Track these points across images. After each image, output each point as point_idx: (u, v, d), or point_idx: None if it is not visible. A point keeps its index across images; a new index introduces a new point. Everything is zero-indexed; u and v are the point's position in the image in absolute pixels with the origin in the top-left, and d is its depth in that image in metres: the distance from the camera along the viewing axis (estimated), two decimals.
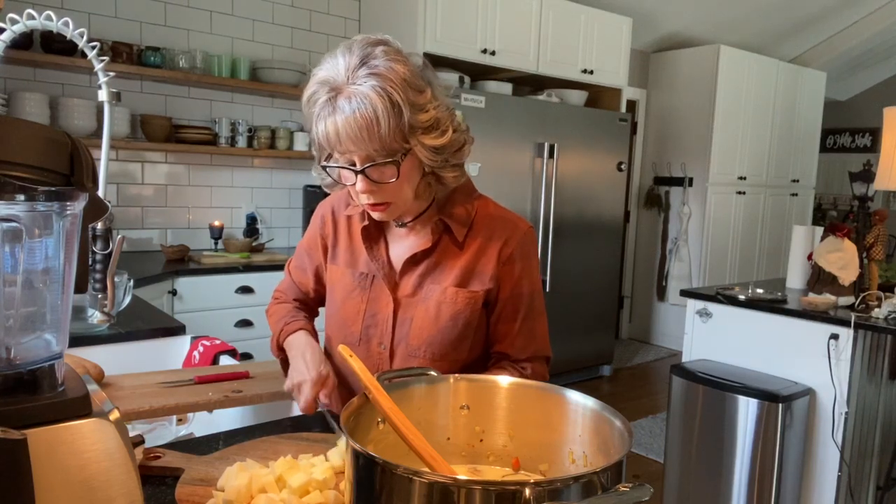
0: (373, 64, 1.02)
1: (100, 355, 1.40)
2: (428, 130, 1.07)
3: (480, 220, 1.22)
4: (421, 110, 1.05)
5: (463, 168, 1.18)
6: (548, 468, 0.86)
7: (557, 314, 4.46)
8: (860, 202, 7.14)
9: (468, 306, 1.19)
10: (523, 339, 1.23)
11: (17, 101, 2.96)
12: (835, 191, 7.84)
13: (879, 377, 2.61)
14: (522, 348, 1.24)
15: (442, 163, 1.11)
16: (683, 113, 5.64)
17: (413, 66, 1.06)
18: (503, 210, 1.26)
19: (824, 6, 5.67)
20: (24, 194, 0.58)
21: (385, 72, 1.02)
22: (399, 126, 1.03)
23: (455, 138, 1.12)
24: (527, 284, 1.22)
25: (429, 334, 1.19)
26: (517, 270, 1.21)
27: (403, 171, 1.08)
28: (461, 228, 1.20)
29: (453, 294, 1.19)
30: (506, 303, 1.22)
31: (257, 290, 3.28)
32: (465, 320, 1.19)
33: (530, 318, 1.23)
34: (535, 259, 1.25)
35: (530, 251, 1.23)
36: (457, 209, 1.21)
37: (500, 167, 4.01)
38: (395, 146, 1.05)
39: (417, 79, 1.06)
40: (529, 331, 1.23)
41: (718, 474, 2.61)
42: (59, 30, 1.03)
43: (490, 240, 1.20)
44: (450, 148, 1.11)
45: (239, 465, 0.90)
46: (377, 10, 4.06)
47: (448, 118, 1.11)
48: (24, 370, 0.61)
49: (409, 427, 0.77)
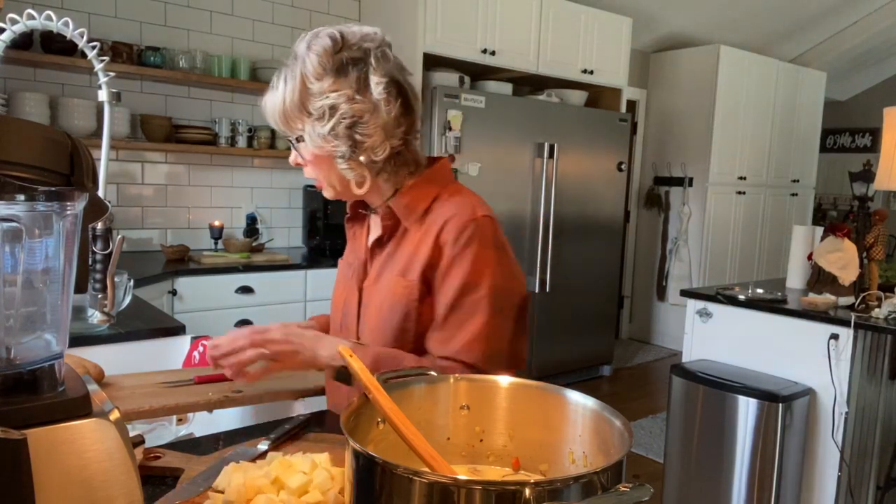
0: (299, 49, 1.11)
1: (100, 355, 1.40)
2: (319, 118, 1.10)
3: (437, 208, 1.16)
4: (315, 98, 1.09)
5: (377, 164, 1.14)
6: (548, 468, 0.86)
7: (557, 314, 4.46)
8: (860, 202, 7.14)
9: (404, 296, 1.14)
10: (445, 334, 1.12)
11: (17, 101, 2.96)
12: (835, 191, 7.84)
13: (879, 377, 2.61)
14: (442, 344, 1.12)
15: (346, 151, 1.10)
16: (683, 113, 5.64)
17: (325, 59, 1.08)
18: (462, 197, 1.17)
19: (824, 6, 5.67)
20: (24, 194, 0.58)
21: (296, 59, 1.10)
22: (292, 107, 1.10)
23: (351, 133, 1.09)
24: (459, 274, 1.11)
25: (375, 324, 1.17)
26: (449, 257, 1.11)
27: (308, 152, 1.13)
28: (409, 215, 1.17)
29: (395, 283, 1.16)
30: (437, 291, 1.13)
31: (257, 290, 3.28)
32: (402, 311, 1.14)
33: (458, 313, 1.11)
34: (482, 250, 1.11)
35: (474, 240, 1.11)
36: (410, 196, 1.18)
37: (500, 167, 4.01)
38: (291, 126, 1.13)
39: (320, 69, 1.08)
40: (455, 327, 1.11)
41: (718, 474, 2.61)
42: (59, 30, 1.03)
43: (433, 225, 1.14)
44: (343, 138, 1.10)
45: (234, 465, 0.90)
46: (377, 10, 4.06)
47: (352, 112, 1.08)
48: (24, 370, 0.61)
49: (409, 427, 0.77)
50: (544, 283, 4.28)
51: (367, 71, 1.10)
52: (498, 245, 1.14)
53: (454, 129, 3.73)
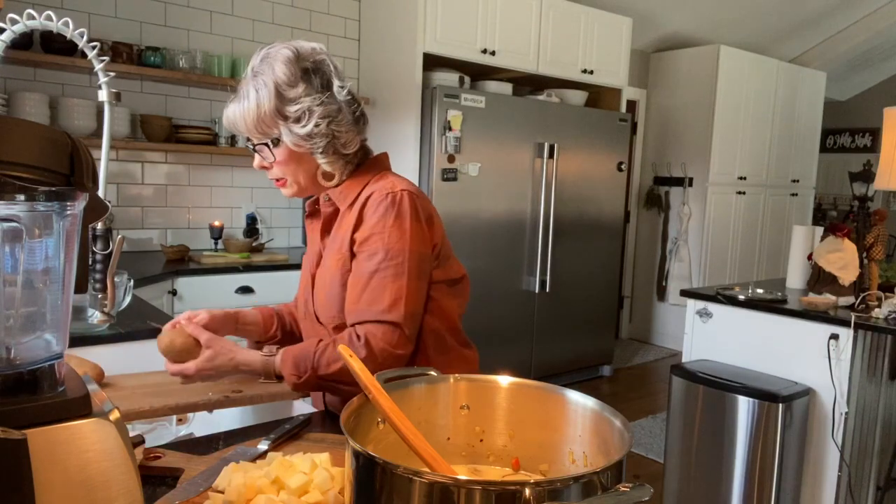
0: (257, 66, 1.22)
1: (100, 355, 1.40)
2: (297, 121, 1.20)
3: (365, 191, 1.28)
4: (291, 103, 1.20)
5: (349, 155, 1.28)
6: (548, 468, 0.86)
7: (557, 314, 4.46)
8: (860, 202, 7.13)
9: (339, 269, 1.26)
10: (370, 296, 1.20)
11: (17, 101, 2.96)
12: (835, 191, 7.84)
13: (879, 377, 2.61)
14: (368, 306, 1.19)
15: (325, 147, 1.23)
16: (683, 113, 5.64)
17: (292, 68, 1.20)
18: (388, 179, 1.28)
19: (824, 6, 5.67)
20: (24, 194, 0.58)
21: (259, 73, 1.21)
22: (269, 114, 1.20)
23: (329, 130, 1.22)
24: (378, 241, 1.21)
25: (324, 301, 1.29)
26: (370, 225, 1.22)
27: (282, 153, 1.24)
28: (343, 200, 1.29)
29: (333, 258, 1.28)
30: (357, 258, 1.24)
31: (257, 290, 3.28)
32: (340, 282, 1.25)
33: (381, 278, 1.20)
34: (399, 220, 1.21)
35: (391, 211, 1.21)
36: (346, 184, 1.30)
37: (500, 167, 4.01)
38: (266, 131, 1.22)
39: (291, 77, 1.20)
40: (379, 289, 1.19)
41: (718, 474, 2.61)
42: (59, 30, 1.03)
43: (358, 203, 1.26)
44: (319, 136, 1.22)
45: (234, 465, 0.90)
46: (377, 10, 4.06)
47: (326, 112, 1.21)
48: (24, 370, 0.61)
49: (409, 427, 0.77)
50: (544, 283, 4.28)
51: (329, 77, 1.24)
52: (416, 217, 1.24)
53: (454, 129, 3.73)
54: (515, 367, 4.14)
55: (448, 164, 3.75)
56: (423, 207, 1.26)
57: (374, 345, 1.17)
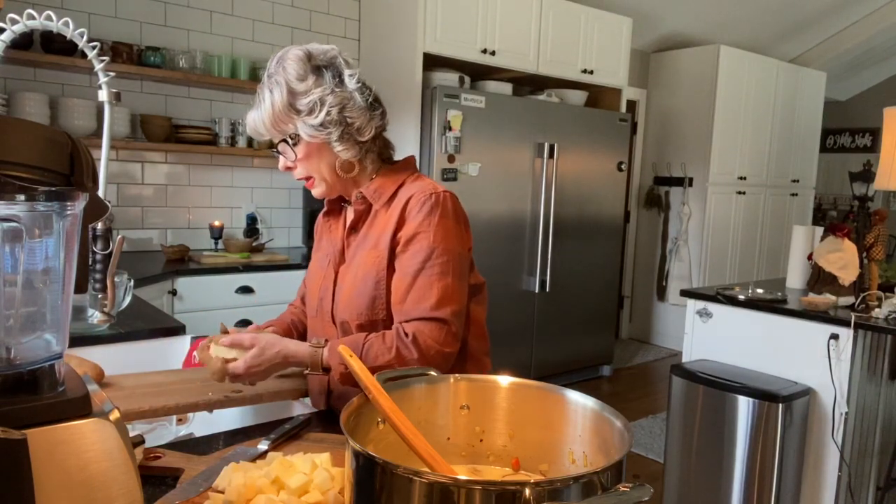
0: (272, 69, 1.24)
1: (100, 355, 1.40)
2: (309, 112, 1.22)
3: (402, 192, 1.29)
4: (302, 96, 1.22)
5: (366, 144, 1.28)
6: (548, 468, 0.86)
7: (557, 314, 4.46)
8: (860, 202, 7.13)
9: (374, 265, 1.26)
10: (417, 294, 1.20)
11: (17, 101, 2.96)
12: (835, 191, 7.84)
13: (879, 377, 2.61)
14: (415, 304, 1.20)
15: (339, 134, 1.23)
16: (683, 113, 5.64)
17: (302, 64, 1.22)
18: (425, 180, 1.31)
19: (824, 6, 5.67)
20: (24, 194, 0.58)
21: (273, 74, 1.24)
22: (282, 110, 1.22)
23: (342, 117, 1.23)
24: (425, 239, 1.22)
25: (349, 297, 1.28)
26: (414, 224, 1.23)
27: (301, 149, 1.25)
28: (378, 198, 1.29)
29: (366, 256, 1.28)
30: (401, 256, 1.24)
31: (257, 290, 3.28)
32: (374, 279, 1.25)
33: (428, 276, 1.20)
34: (444, 220, 1.23)
35: (436, 211, 1.23)
36: (378, 182, 1.31)
37: (500, 167, 4.01)
38: (283, 128, 1.24)
39: (301, 72, 1.22)
40: (426, 287, 1.20)
41: (718, 474, 2.61)
42: (59, 30, 1.03)
43: (398, 203, 1.27)
44: (332, 125, 1.22)
45: (234, 465, 0.90)
46: (377, 10, 4.06)
47: (337, 101, 1.22)
48: (24, 370, 0.61)
49: (409, 427, 0.77)
50: (544, 283, 4.28)
51: (340, 70, 1.25)
52: (458, 219, 1.27)
53: (454, 129, 3.73)
54: (515, 366, 4.14)
55: (448, 164, 3.75)
56: (462, 211, 1.29)
57: (423, 342, 1.17)
